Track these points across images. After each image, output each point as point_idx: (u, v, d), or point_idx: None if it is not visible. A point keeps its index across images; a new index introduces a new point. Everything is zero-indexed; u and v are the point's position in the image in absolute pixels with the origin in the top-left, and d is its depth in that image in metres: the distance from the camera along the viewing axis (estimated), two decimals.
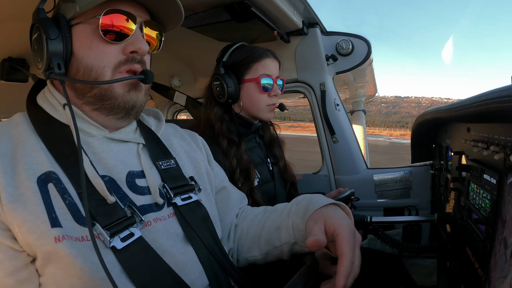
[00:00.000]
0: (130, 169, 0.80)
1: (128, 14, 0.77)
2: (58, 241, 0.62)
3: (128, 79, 0.76)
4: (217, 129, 1.34)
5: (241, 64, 1.36)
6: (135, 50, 0.77)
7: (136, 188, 0.78)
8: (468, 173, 0.97)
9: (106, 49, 0.75)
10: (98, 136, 0.79)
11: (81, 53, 0.75)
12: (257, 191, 1.34)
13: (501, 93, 0.62)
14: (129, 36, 0.77)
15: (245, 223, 1.02)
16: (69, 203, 0.67)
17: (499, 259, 0.65)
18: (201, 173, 0.96)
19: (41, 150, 0.71)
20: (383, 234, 1.24)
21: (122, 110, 0.79)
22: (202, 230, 0.83)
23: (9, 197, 0.63)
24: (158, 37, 0.87)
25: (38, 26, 0.74)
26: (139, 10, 0.80)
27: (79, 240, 0.65)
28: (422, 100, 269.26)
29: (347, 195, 1.27)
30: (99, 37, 0.74)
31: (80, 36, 0.75)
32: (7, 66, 1.61)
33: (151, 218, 0.77)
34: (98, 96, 0.76)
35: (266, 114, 1.41)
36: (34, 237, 0.62)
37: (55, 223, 0.64)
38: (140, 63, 0.79)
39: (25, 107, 0.79)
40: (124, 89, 0.78)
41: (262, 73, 1.35)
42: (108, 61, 0.75)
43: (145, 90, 0.84)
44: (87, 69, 0.75)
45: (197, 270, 0.78)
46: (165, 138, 0.96)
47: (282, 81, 1.45)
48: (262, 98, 1.37)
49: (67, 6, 0.76)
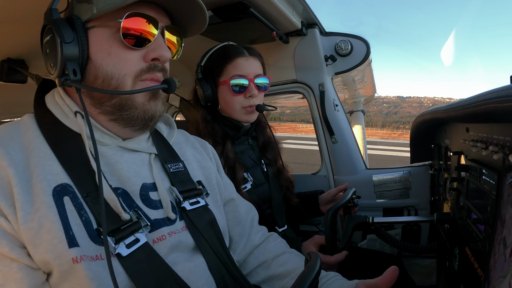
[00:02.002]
0: (143, 181, 0.77)
1: (150, 18, 0.72)
2: (76, 263, 0.60)
3: (152, 89, 0.72)
4: (202, 129, 1.33)
5: (215, 66, 1.35)
6: (157, 57, 0.73)
7: (150, 202, 0.76)
8: (467, 173, 0.97)
9: (127, 55, 0.71)
10: (112, 145, 0.76)
11: (99, 59, 0.70)
12: (252, 194, 1.33)
13: (499, 93, 0.62)
14: (151, 42, 0.72)
15: (268, 255, 1.01)
16: (85, 220, 0.64)
17: (498, 259, 0.65)
18: (213, 184, 0.94)
19: (55, 159, 0.68)
20: (385, 233, 1.24)
21: (141, 121, 0.75)
22: (210, 235, 0.82)
23: (25, 216, 0.60)
24: (179, 43, 0.83)
25: (51, 27, 0.68)
26: (160, 14, 0.76)
27: (93, 259, 0.62)
28: (424, 100, 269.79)
29: (350, 196, 1.27)
30: (119, 42, 0.70)
31: (97, 40, 0.70)
32: (6, 67, 1.60)
33: (165, 232, 0.74)
34: (118, 105, 0.72)
35: (243, 116, 1.37)
36: (52, 257, 0.60)
37: (72, 242, 0.61)
38: (161, 71, 0.76)
39: (24, 108, 0.76)
40: (145, 98, 0.74)
41: (233, 74, 1.31)
42: (129, 69, 0.71)
43: (163, 99, 0.80)
44: (107, 77, 0.70)
45: (204, 276, 0.77)
46: (177, 146, 0.93)
47: (266, 79, 1.39)
48: (236, 100, 1.33)
49: (82, 7, 0.71)
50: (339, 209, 1.13)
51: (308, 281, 0.65)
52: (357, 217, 1.26)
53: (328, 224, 1.07)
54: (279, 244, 1.05)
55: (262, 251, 1.02)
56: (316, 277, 0.67)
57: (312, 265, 0.69)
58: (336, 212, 1.10)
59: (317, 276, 0.67)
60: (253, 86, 1.33)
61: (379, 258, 1.47)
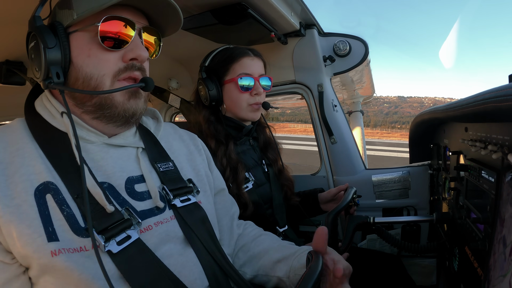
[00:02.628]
0: (128, 175, 0.79)
1: (126, 20, 0.75)
2: (54, 255, 0.62)
3: (128, 88, 0.75)
4: (205, 130, 1.35)
5: (221, 66, 1.38)
6: (135, 57, 0.76)
7: (135, 194, 0.78)
8: (466, 172, 0.97)
9: (105, 56, 0.74)
10: (97, 143, 0.78)
11: (80, 62, 0.74)
12: (253, 193, 1.34)
13: (498, 93, 0.62)
14: (128, 43, 0.76)
15: (247, 238, 1.06)
16: (67, 215, 0.67)
17: (498, 258, 0.65)
18: (201, 175, 0.97)
19: (39, 158, 0.70)
20: (387, 233, 1.24)
21: (122, 118, 0.78)
22: (201, 232, 0.83)
23: (5, 209, 0.63)
24: (156, 43, 0.86)
25: (35, 34, 0.72)
26: (137, 16, 0.79)
27: (77, 251, 0.65)
28: (425, 100, 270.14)
29: (351, 197, 1.27)
30: (98, 45, 0.73)
31: (78, 44, 0.74)
32: (5, 69, 1.60)
33: (152, 222, 0.77)
34: (98, 105, 0.75)
35: (250, 114, 1.40)
36: (31, 250, 0.62)
37: (51, 237, 0.64)
38: (140, 70, 0.78)
39: (22, 110, 0.78)
40: (124, 97, 0.77)
41: (240, 73, 1.35)
42: (107, 69, 0.74)
43: (144, 97, 0.83)
44: (87, 77, 0.73)
45: (196, 270, 0.79)
46: (164, 140, 0.95)
47: (269, 79, 1.43)
48: (242, 97, 1.37)
49: (63, 13, 0.74)
50: (340, 212, 1.14)
51: (311, 281, 0.65)
52: (358, 217, 1.26)
53: (329, 226, 1.07)
54: (256, 229, 1.12)
55: (241, 237, 1.07)
56: (318, 277, 0.67)
57: (314, 265, 0.70)
58: (337, 215, 1.10)
59: (319, 276, 0.67)
60: (259, 85, 1.37)
61: (379, 258, 1.47)
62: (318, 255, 0.74)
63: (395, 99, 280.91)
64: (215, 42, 1.76)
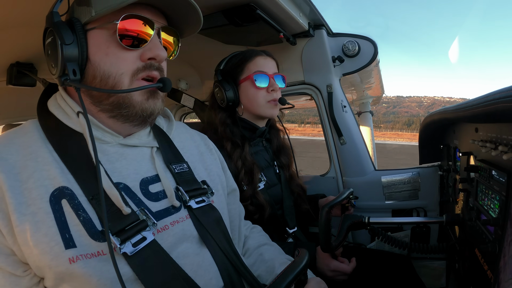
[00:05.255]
0: (143, 177, 0.79)
1: (145, 19, 0.75)
2: (72, 262, 0.62)
3: (146, 87, 0.74)
4: (221, 132, 1.37)
5: (235, 67, 1.41)
6: (153, 56, 0.76)
7: (150, 195, 0.78)
8: (477, 173, 0.96)
9: (124, 55, 0.73)
10: (113, 143, 0.78)
11: (97, 59, 0.73)
12: (264, 193, 1.35)
13: (508, 93, 0.62)
14: (147, 42, 0.75)
15: (251, 242, 1.08)
16: (84, 220, 0.66)
17: (508, 261, 0.65)
18: (212, 175, 0.97)
19: (54, 162, 0.70)
20: (384, 235, 1.23)
21: (139, 118, 0.77)
22: (216, 233, 0.83)
23: (20, 218, 0.62)
24: (175, 43, 0.85)
25: (52, 30, 0.71)
26: (156, 15, 0.78)
27: (95, 255, 0.64)
28: (424, 99, 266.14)
29: (346, 195, 1.28)
30: (116, 43, 0.72)
31: (96, 41, 0.73)
32: (15, 71, 1.62)
33: (168, 222, 0.76)
34: (116, 104, 0.75)
35: (268, 111, 1.41)
36: (48, 258, 0.62)
37: (68, 244, 0.63)
38: (158, 70, 0.78)
39: (34, 112, 0.77)
40: (142, 97, 0.76)
41: (255, 70, 1.37)
42: (125, 68, 0.74)
43: (162, 97, 0.82)
44: (104, 76, 0.73)
45: (212, 270, 0.79)
46: (177, 139, 0.95)
47: (282, 77, 1.45)
48: (260, 94, 1.38)
49: (81, 10, 0.74)
50: (334, 206, 1.14)
51: (289, 276, 0.64)
52: (352, 216, 1.27)
53: (322, 220, 1.07)
54: (263, 236, 1.13)
55: (247, 239, 1.09)
56: (299, 274, 0.66)
57: (298, 261, 0.69)
58: (331, 209, 1.10)
59: (300, 273, 0.67)
60: (274, 81, 1.39)
61: (389, 259, 1.46)
62: (305, 251, 0.73)
63: (395, 98, 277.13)
64: (224, 43, 1.77)
